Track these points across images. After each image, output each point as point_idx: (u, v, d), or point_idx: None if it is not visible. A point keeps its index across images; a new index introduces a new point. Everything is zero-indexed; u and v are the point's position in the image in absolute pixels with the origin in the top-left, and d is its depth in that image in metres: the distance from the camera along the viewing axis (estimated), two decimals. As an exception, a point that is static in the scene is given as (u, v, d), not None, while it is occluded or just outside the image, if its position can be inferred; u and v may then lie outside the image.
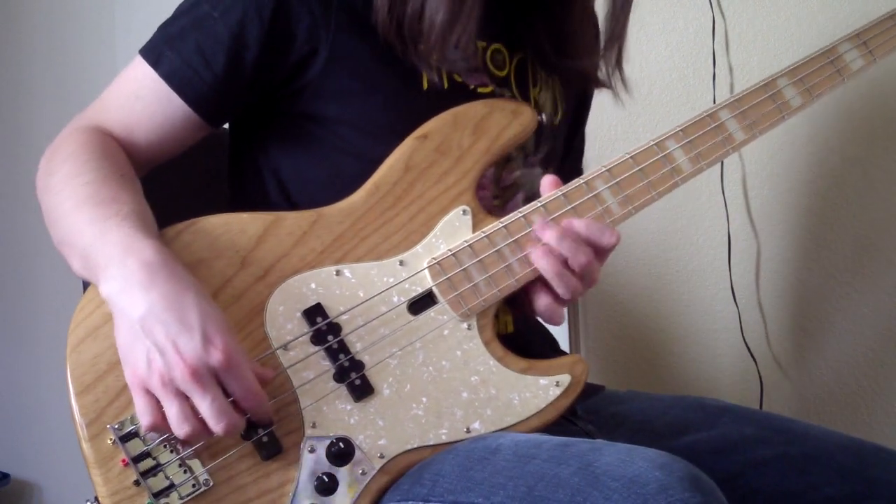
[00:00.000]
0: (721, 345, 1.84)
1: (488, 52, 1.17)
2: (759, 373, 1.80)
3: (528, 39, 1.21)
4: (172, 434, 0.94)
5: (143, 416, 0.94)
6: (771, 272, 1.81)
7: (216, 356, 0.92)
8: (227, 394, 0.94)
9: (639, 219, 1.87)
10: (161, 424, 0.93)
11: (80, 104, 1.15)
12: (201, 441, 0.97)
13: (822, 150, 1.76)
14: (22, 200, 1.03)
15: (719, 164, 1.78)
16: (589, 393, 1.17)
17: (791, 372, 1.80)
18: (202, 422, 0.93)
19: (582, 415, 1.19)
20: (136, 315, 0.93)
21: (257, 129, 1.16)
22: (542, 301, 1.09)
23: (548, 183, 1.11)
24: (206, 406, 0.92)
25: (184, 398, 0.92)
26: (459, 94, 1.13)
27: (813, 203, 1.77)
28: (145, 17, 1.17)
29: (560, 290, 1.07)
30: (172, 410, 0.92)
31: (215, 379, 0.92)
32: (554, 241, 1.07)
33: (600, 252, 1.09)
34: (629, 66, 1.25)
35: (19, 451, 2.19)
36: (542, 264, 1.07)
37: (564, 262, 1.07)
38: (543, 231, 1.08)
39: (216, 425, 0.92)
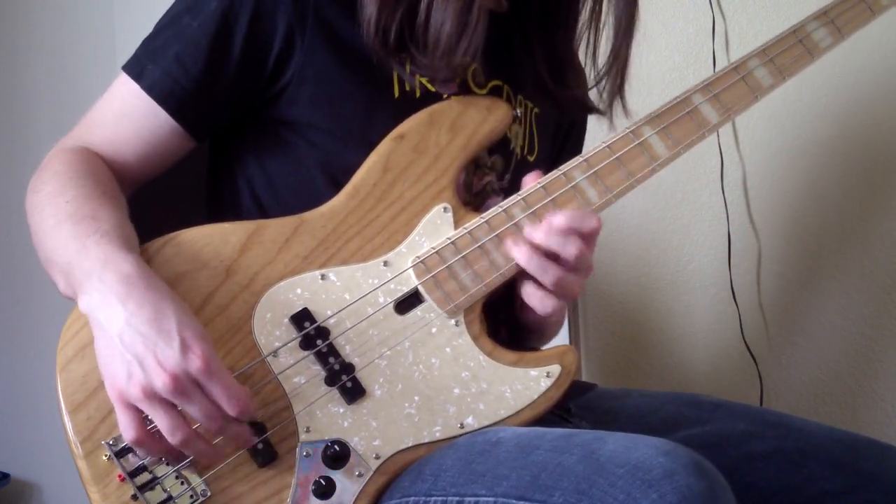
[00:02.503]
0: (721, 345, 1.84)
1: (469, 70, 1.17)
2: (759, 373, 1.79)
3: (525, 67, 1.21)
4: (156, 450, 0.94)
5: (127, 431, 0.93)
6: (771, 272, 1.80)
7: (195, 363, 0.91)
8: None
9: (639, 219, 1.87)
10: (145, 439, 0.93)
11: (80, 106, 1.15)
12: (196, 448, 0.95)
13: (822, 149, 1.75)
14: (21, 201, 1.03)
15: (719, 165, 1.78)
16: (581, 391, 1.17)
17: (791, 372, 1.80)
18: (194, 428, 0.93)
19: (576, 412, 1.19)
20: (115, 328, 0.93)
21: (233, 138, 1.16)
22: (531, 294, 1.08)
23: (529, 177, 1.11)
24: (195, 410, 0.92)
25: (171, 406, 0.92)
26: (432, 103, 1.13)
27: (813, 203, 1.76)
28: (145, 17, 1.17)
29: (543, 278, 1.06)
30: (163, 421, 0.92)
31: (197, 386, 0.92)
32: (542, 240, 1.07)
33: (586, 238, 1.08)
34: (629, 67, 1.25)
35: (19, 451, 2.19)
36: (519, 254, 1.07)
37: (554, 257, 1.07)
38: (531, 234, 1.08)
39: (211, 425, 0.92)
